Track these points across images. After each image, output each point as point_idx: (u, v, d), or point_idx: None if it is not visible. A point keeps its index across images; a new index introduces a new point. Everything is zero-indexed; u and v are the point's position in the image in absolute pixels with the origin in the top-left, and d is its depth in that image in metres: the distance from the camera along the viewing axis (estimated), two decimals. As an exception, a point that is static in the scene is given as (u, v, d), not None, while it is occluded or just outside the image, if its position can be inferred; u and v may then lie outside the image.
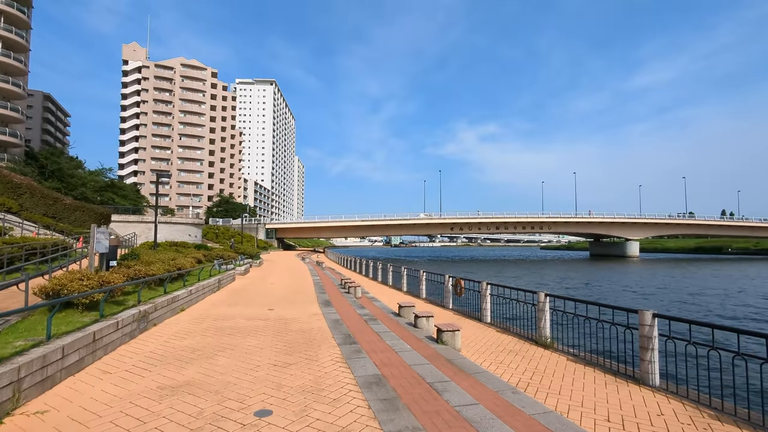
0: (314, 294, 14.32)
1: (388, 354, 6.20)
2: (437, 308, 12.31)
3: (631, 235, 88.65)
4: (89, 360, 5.83)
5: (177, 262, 12.21)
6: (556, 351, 7.39)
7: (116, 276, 7.80)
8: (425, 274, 14.56)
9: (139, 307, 7.87)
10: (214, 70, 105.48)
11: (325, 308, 10.91)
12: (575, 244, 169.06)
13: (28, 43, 52.11)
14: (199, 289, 11.89)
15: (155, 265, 10.48)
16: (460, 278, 11.67)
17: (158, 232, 45.42)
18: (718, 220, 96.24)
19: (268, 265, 32.66)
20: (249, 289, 15.75)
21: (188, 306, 10.84)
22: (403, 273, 16.71)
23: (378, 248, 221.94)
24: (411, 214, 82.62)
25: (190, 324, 8.80)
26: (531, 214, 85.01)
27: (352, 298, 13.13)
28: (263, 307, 11.29)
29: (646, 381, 5.51)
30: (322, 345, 6.95)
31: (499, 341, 8.17)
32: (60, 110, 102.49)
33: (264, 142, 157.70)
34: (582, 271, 47.51)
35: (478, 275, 38.19)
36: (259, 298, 13.39)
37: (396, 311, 10.81)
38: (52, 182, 44.38)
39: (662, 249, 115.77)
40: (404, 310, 9.91)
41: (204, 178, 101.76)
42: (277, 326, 8.63)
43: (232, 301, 12.44)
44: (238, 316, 9.89)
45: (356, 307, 11.02)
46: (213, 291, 13.95)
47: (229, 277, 16.66)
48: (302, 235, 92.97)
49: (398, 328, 8.50)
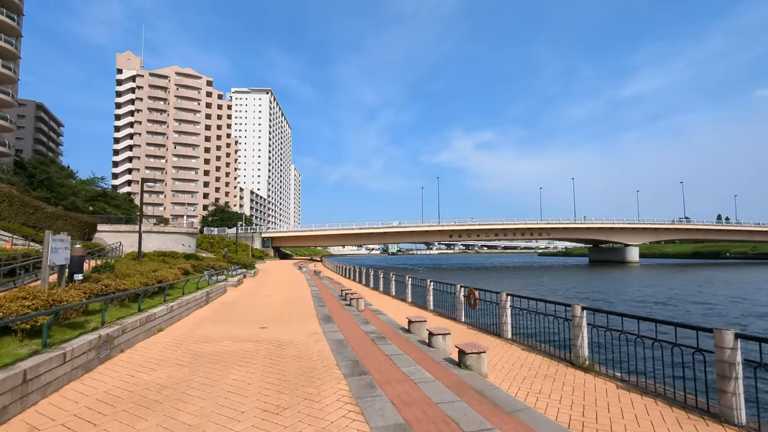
0: (313, 308, 13.01)
1: (406, 387, 5.09)
2: (448, 321, 11.21)
3: (630, 241, 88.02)
4: (15, 409, 4.39)
5: (159, 274, 10.85)
6: (598, 375, 6.30)
7: (73, 293, 6.56)
8: (433, 284, 13.47)
9: (100, 330, 6.56)
10: (210, 78, 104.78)
11: (326, 325, 9.72)
12: (573, 250, 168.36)
13: (18, 50, 51.11)
14: (182, 305, 10.62)
15: (132, 278, 9.24)
16: (474, 289, 10.60)
17: (151, 242, 44.17)
18: (717, 224, 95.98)
19: (263, 275, 31.40)
20: (241, 303, 14.40)
21: (168, 325, 9.54)
22: (407, 283, 15.61)
23: (375, 256, 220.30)
24: (409, 221, 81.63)
25: (166, 349, 7.54)
26: (530, 221, 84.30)
27: (355, 311, 12.00)
28: (255, 325, 10.01)
29: (730, 418, 4.44)
30: (324, 377, 5.67)
31: (528, 362, 7.08)
32: (53, 120, 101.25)
33: (260, 150, 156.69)
34: (588, 277, 46.44)
35: (484, 283, 37.02)
36: (251, 313, 12.10)
37: (405, 326, 9.71)
38: (41, 192, 43.07)
39: (660, 254, 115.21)
40: (415, 326, 8.80)
41: (199, 187, 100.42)
42: (270, 351, 7.33)
43: (220, 318, 11.19)
44: (225, 337, 8.63)
45: (360, 322, 9.89)
46: (200, 306, 12.64)
47: (219, 289, 15.39)
48: (299, 244, 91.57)
49: (411, 348, 7.40)
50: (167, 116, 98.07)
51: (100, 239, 36.67)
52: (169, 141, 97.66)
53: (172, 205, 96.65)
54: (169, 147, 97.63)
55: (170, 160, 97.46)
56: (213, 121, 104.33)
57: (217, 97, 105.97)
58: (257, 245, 75.05)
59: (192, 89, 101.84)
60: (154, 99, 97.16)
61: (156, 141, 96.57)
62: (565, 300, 8.03)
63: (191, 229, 53.75)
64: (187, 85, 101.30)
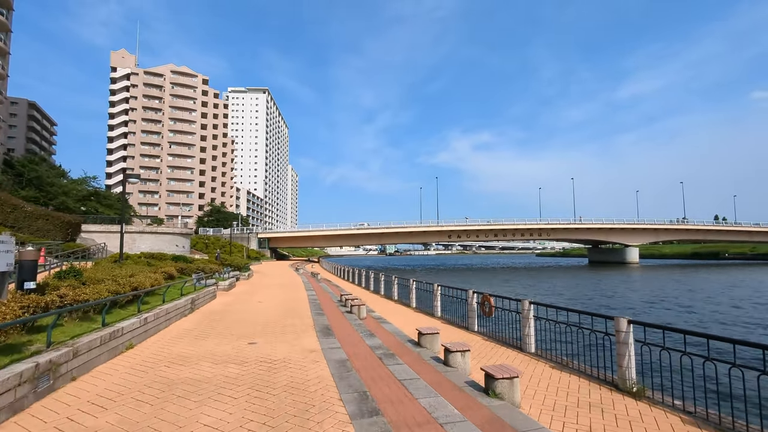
0: (310, 316, 11.74)
1: (429, 429, 4.02)
2: (459, 331, 10.16)
3: (630, 241, 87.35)
4: None
5: (135, 279, 9.60)
6: (654, 404, 5.25)
7: (9, 308, 5.31)
8: (440, 288, 12.41)
9: (41, 356, 5.13)
10: (205, 77, 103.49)
11: (325, 339, 8.53)
12: (571, 251, 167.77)
13: (7, 46, 49.82)
14: (160, 315, 9.29)
15: (100, 285, 8.02)
16: (488, 295, 9.55)
17: (143, 243, 42.92)
18: (717, 225, 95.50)
19: (258, 277, 30.21)
20: (230, 311, 12.97)
21: (141, 340, 8.23)
22: (411, 287, 14.53)
23: (373, 257, 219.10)
24: (407, 222, 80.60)
25: (130, 374, 6.18)
26: (530, 221, 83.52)
27: (356, 319, 10.91)
28: (243, 340, 8.68)
29: None
30: (324, 417, 4.45)
31: (563, 385, 6.03)
32: (46, 118, 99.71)
33: (257, 150, 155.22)
34: (594, 279, 45.49)
35: (487, 285, 35.88)
36: (241, 324, 10.74)
37: (414, 339, 8.65)
38: (29, 191, 41.83)
39: (659, 255, 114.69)
40: (427, 339, 7.73)
41: (195, 187, 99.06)
42: (257, 377, 6.03)
43: (204, 330, 9.81)
44: (205, 356, 7.28)
45: (364, 334, 8.79)
46: (183, 315, 11.33)
47: (208, 295, 14.15)
48: (296, 245, 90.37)
49: (426, 368, 6.33)
50: (162, 115, 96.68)
51: (91, 240, 35.44)
52: (164, 140, 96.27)
53: (167, 205, 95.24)
54: (164, 146, 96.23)
55: (165, 159, 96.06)
56: (209, 120, 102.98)
57: (213, 95, 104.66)
58: (254, 246, 73.83)
59: (187, 88, 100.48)
60: (149, 98, 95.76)
61: (151, 140, 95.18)
62: (589, 308, 6.97)
63: (185, 229, 52.53)
64: (183, 84, 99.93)
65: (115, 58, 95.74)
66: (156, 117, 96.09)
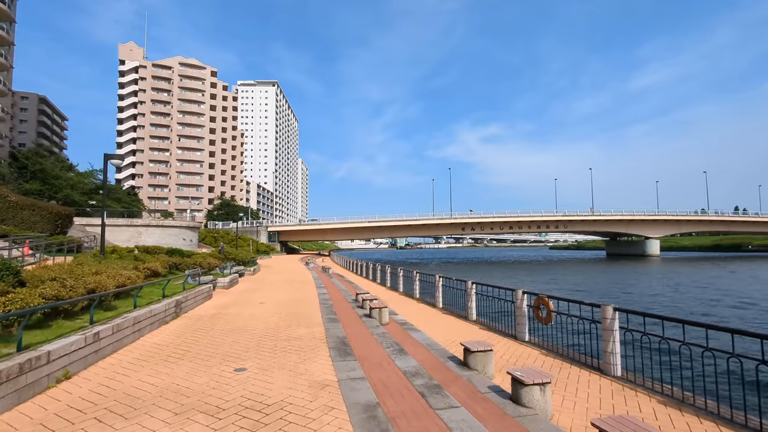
0: (321, 323, 9.47)
1: None
2: (505, 341, 8.24)
3: (651, 233, 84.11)
4: None
5: (95, 279, 7.62)
6: None
7: None
8: (475, 286, 10.48)
9: None
10: (214, 69, 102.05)
11: (342, 361, 6.24)
12: (585, 244, 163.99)
13: (11, 36, 48.76)
14: (123, 327, 7.15)
15: (35, 289, 6.12)
16: (545, 296, 7.61)
17: (150, 237, 41.70)
18: (742, 216, 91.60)
19: (264, 272, 28.57)
20: (223, 316, 10.68)
21: (84, 366, 5.99)
22: (437, 284, 12.63)
23: (383, 251, 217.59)
24: (420, 214, 78.52)
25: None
26: (546, 213, 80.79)
27: (378, 326, 9.03)
28: (228, 363, 6.35)
29: None
30: None
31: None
32: (56, 113, 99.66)
33: (266, 143, 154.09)
34: (625, 273, 42.83)
35: (510, 280, 33.19)
36: (231, 335, 8.34)
37: (454, 353, 6.78)
38: (34, 184, 40.87)
39: (678, 247, 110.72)
40: (477, 358, 5.80)
41: (204, 181, 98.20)
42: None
43: (180, 346, 7.46)
44: (166, 396, 4.94)
45: (391, 349, 6.89)
46: (163, 322, 9.13)
47: (200, 295, 12.15)
48: (306, 238, 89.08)
49: (489, 412, 4.43)
50: (171, 108, 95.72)
51: (94, 233, 34.24)
52: (173, 133, 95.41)
53: (177, 198, 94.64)
54: (173, 139, 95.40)
55: (174, 152, 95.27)
56: (218, 113, 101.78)
57: (222, 88, 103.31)
58: (263, 239, 72.70)
59: (196, 80, 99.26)
60: (158, 90, 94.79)
61: (160, 133, 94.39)
62: (673, 313, 4.97)
63: (193, 223, 51.40)
64: (191, 76, 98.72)
65: (123, 50, 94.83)
66: (165, 110, 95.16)
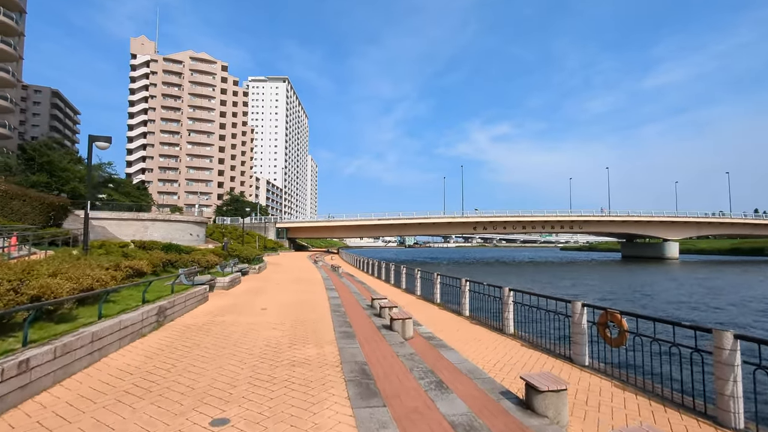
0: (333, 340, 7.50)
1: None
2: (557, 363, 6.73)
3: (669, 235, 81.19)
4: None
5: (46, 282, 5.73)
6: None
7: None
8: (512, 293, 8.96)
9: None
10: (225, 63, 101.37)
11: (365, 408, 4.23)
12: (597, 245, 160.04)
13: (20, 26, 48.24)
14: (74, 348, 5.29)
15: None
16: (615, 311, 6.07)
17: (156, 232, 40.79)
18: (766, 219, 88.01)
19: (271, 270, 27.28)
20: (215, 327, 8.64)
21: (4, 409, 4.11)
22: (464, 289, 11.13)
23: (392, 249, 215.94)
24: (431, 212, 76.82)
25: None
26: (561, 213, 78.50)
27: (402, 343, 7.56)
28: (203, 410, 4.21)
29: None
30: None
31: None
32: (69, 107, 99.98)
33: (277, 140, 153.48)
34: (654, 278, 40.83)
35: (535, 284, 31.12)
36: (217, 360, 6.18)
37: (506, 386, 5.30)
38: (40, 176, 40.26)
39: (695, 250, 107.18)
40: (547, 401, 4.32)
41: (214, 176, 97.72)
42: None
43: (148, 377, 5.32)
44: None
45: (425, 381, 5.35)
46: (137, 335, 7.35)
47: (193, 297, 10.60)
48: (315, 235, 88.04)
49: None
50: (181, 102, 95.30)
51: (101, 227, 33.39)
52: (183, 128, 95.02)
53: (186, 193, 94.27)
54: (184, 134, 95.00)
55: (184, 147, 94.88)
56: (228, 108, 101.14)
57: (232, 83, 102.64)
58: (272, 236, 71.76)
59: (207, 74, 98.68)
60: (168, 85, 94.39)
61: (170, 128, 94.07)
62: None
63: (200, 218, 50.56)
64: (202, 71, 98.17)
65: (135, 44, 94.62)
66: (175, 104, 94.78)
